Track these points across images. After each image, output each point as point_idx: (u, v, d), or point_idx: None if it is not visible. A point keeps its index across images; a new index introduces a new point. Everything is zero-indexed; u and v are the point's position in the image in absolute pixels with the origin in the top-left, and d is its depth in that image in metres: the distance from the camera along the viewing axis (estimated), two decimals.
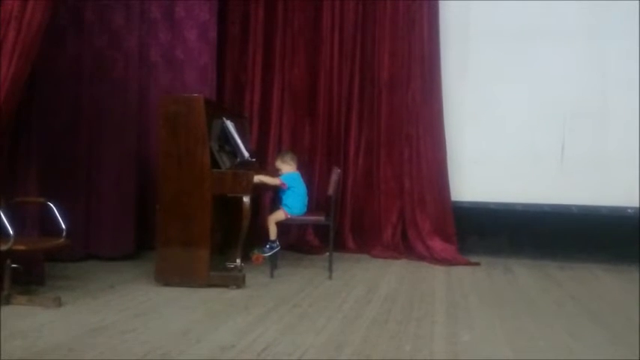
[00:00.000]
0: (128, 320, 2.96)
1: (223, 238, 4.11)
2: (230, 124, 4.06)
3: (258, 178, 3.88)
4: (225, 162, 3.89)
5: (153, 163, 4.42)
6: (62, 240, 3.31)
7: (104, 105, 4.57)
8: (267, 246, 4.19)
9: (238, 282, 3.71)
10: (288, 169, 4.40)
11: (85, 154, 4.49)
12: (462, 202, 5.27)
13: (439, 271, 4.62)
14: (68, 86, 4.39)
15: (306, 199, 4.38)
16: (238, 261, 3.78)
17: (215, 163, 3.76)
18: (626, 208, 5.00)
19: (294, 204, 4.26)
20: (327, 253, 4.37)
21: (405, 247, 5.25)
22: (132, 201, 4.64)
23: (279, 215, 4.24)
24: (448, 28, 5.34)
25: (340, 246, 5.16)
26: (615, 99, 5.08)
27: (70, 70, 4.40)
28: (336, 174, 4.35)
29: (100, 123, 4.56)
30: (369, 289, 3.84)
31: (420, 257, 5.06)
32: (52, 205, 3.35)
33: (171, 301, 3.38)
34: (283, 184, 4.24)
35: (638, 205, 4.96)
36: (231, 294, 3.57)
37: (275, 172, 4.39)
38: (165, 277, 3.72)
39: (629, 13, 5.05)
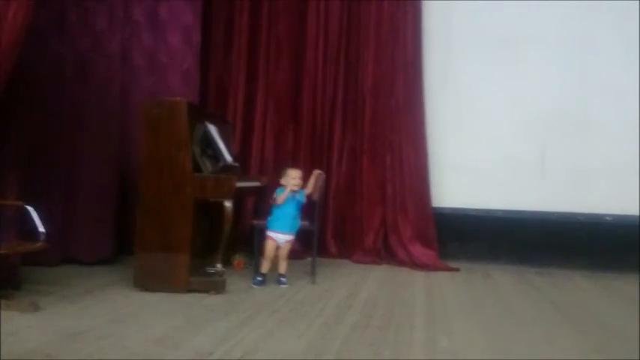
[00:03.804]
0: (106, 326, 2.92)
1: (204, 243, 4.09)
2: (213, 129, 4.05)
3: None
4: (207, 166, 3.88)
5: (134, 166, 4.39)
6: (40, 244, 3.25)
7: (86, 108, 4.52)
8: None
9: (219, 287, 3.69)
10: None
11: (65, 157, 4.44)
12: (442, 209, 5.31)
13: (419, 276, 4.65)
14: (50, 88, 4.33)
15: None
16: (219, 266, 3.76)
17: (197, 168, 3.75)
18: (605, 215, 5.07)
19: None
20: (310, 258, 4.37)
21: (386, 252, 5.27)
22: (112, 205, 4.60)
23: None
24: (431, 35, 5.39)
25: (322, 251, 5.15)
26: (595, 108, 5.15)
27: (51, 72, 4.35)
28: (320, 178, 4.35)
29: (82, 126, 4.50)
30: (349, 295, 3.85)
31: (401, 263, 5.09)
32: (29, 208, 3.30)
33: (150, 306, 3.35)
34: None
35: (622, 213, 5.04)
36: (212, 299, 3.55)
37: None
38: (145, 282, 3.69)
39: (609, 23, 5.14)
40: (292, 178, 4.07)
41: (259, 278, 4.01)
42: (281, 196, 4.04)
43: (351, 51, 5.44)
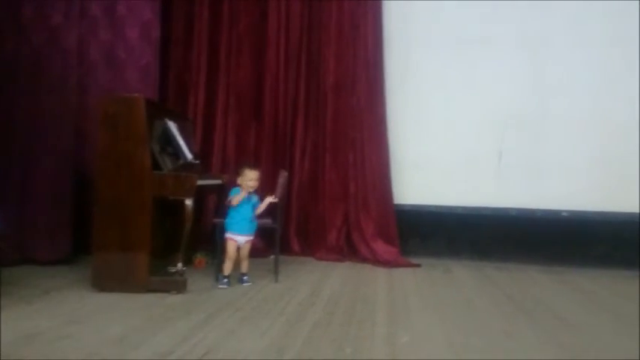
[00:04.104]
0: (63, 326, 2.86)
1: (165, 242, 4.03)
2: (172, 125, 4.00)
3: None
4: (167, 164, 3.82)
5: (91, 164, 4.28)
6: None
7: (41, 104, 4.41)
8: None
9: (179, 287, 3.65)
10: None
11: (20, 154, 4.34)
12: (404, 206, 5.36)
13: (381, 272, 4.69)
14: (3, 84, 4.22)
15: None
16: (180, 265, 3.71)
17: (157, 166, 3.70)
18: (561, 211, 5.19)
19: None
20: (272, 256, 4.35)
21: (349, 249, 5.29)
22: (69, 204, 4.49)
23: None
24: (391, 34, 5.42)
25: (285, 249, 5.14)
26: (551, 107, 5.27)
27: (5, 68, 4.23)
28: (282, 177, 4.33)
29: (37, 123, 4.40)
30: (312, 292, 3.85)
31: (364, 259, 5.12)
32: None
33: (109, 306, 3.29)
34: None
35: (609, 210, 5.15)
36: (172, 299, 3.51)
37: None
38: (103, 283, 3.62)
39: (565, 24, 5.26)
40: (249, 179, 3.97)
41: (224, 280, 3.94)
42: (236, 197, 3.96)
43: (312, 49, 5.44)
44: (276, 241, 4.26)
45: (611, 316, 3.46)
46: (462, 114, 5.36)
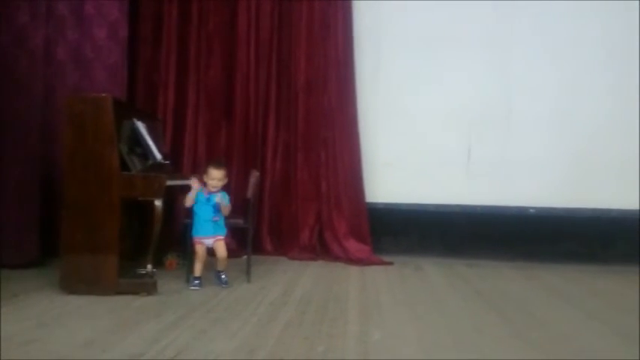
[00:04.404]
0: (31, 330, 2.81)
1: (134, 244, 3.99)
2: (141, 125, 3.95)
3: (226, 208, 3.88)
4: (135, 164, 3.77)
5: (59, 165, 4.21)
6: None
7: (7, 105, 4.32)
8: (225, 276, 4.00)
9: (149, 289, 3.61)
10: (222, 184, 3.96)
11: None
12: (376, 204, 5.39)
13: (354, 271, 4.71)
14: None
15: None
16: (149, 267, 3.67)
17: (125, 166, 3.65)
18: (528, 207, 5.28)
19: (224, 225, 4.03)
20: (245, 257, 4.33)
21: (321, 248, 5.30)
22: (36, 206, 4.41)
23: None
24: (362, 34, 5.45)
25: (258, 249, 5.13)
26: (517, 105, 5.35)
27: None
28: (254, 177, 4.31)
29: (2, 123, 4.30)
30: (285, 292, 3.85)
31: (336, 258, 5.13)
32: None
33: (78, 309, 3.24)
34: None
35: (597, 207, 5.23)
36: (142, 301, 3.47)
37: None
38: (71, 285, 3.56)
39: (531, 24, 5.35)
40: (211, 178, 3.85)
41: (196, 281, 3.88)
42: (187, 198, 3.85)
43: (283, 49, 5.43)
44: (248, 241, 4.25)
45: (579, 311, 3.53)
46: (432, 113, 5.41)
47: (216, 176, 3.84)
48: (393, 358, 2.58)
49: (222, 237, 3.97)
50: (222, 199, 3.88)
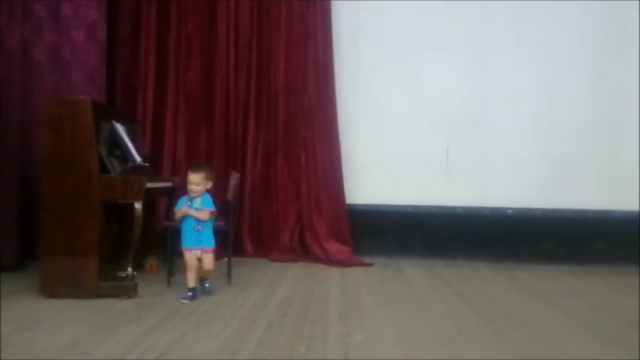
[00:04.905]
0: (10, 335, 2.77)
1: (114, 247, 3.96)
2: (120, 127, 3.93)
3: (185, 213, 3.58)
4: (115, 167, 3.75)
5: (37, 168, 4.17)
6: None
7: None
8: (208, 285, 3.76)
9: (129, 291, 3.59)
10: (203, 188, 3.66)
11: None
12: (356, 205, 5.43)
13: (334, 272, 4.73)
14: None
15: None
16: (130, 270, 3.65)
17: (105, 169, 3.63)
18: (506, 208, 5.35)
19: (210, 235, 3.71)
20: (226, 259, 4.32)
21: (302, 250, 5.32)
22: (14, 208, 4.36)
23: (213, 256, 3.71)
24: (340, 35, 5.49)
25: (238, 251, 5.13)
26: (495, 107, 5.44)
27: None
28: (234, 179, 4.29)
29: None
30: (265, 294, 3.85)
31: (317, 259, 5.15)
32: None
33: (58, 313, 3.21)
34: (213, 211, 3.65)
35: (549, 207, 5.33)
36: (122, 304, 3.45)
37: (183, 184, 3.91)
38: (51, 289, 3.52)
39: (508, 26, 5.43)
40: (189, 183, 3.62)
41: (189, 293, 3.58)
42: (176, 213, 3.66)
43: (262, 50, 5.44)
44: (228, 242, 4.23)
45: (557, 310, 3.59)
46: (411, 114, 5.47)
47: (193, 180, 3.60)
48: (374, 358, 2.60)
49: (208, 249, 3.67)
50: (203, 204, 3.65)
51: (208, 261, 3.67)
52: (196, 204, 3.65)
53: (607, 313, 3.53)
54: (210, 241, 3.68)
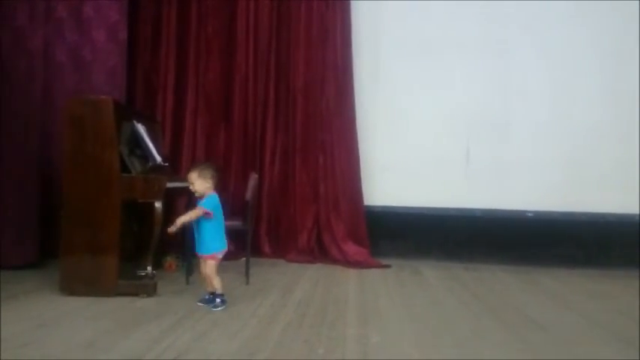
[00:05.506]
0: (30, 331, 2.81)
1: (134, 246, 3.99)
2: (141, 127, 3.96)
3: (180, 222, 3.33)
4: (135, 166, 3.78)
5: (58, 167, 4.21)
6: None
7: (6, 107, 4.32)
8: (219, 300, 3.41)
9: (149, 290, 3.61)
10: (206, 188, 3.43)
11: None
12: (373, 207, 5.42)
13: (352, 274, 4.72)
14: None
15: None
16: (149, 268, 3.68)
17: (125, 168, 3.65)
18: (525, 211, 5.31)
19: (220, 237, 3.46)
20: (244, 259, 4.33)
21: (319, 251, 5.32)
22: (36, 207, 4.41)
23: (212, 264, 3.42)
24: (360, 38, 5.49)
25: (256, 251, 5.15)
26: (515, 109, 5.40)
27: None
28: (253, 179, 4.31)
29: (2, 125, 4.31)
30: (284, 294, 3.85)
31: (334, 261, 5.14)
32: None
33: (77, 311, 3.24)
34: (208, 212, 3.37)
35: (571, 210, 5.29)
36: (142, 303, 3.47)
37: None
38: (71, 287, 3.56)
39: (528, 29, 5.39)
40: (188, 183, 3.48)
41: (217, 299, 3.40)
42: (170, 228, 3.37)
43: (281, 51, 5.45)
44: (247, 243, 4.26)
45: (576, 314, 3.55)
46: (430, 116, 5.45)
47: (188, 179, 3.45)
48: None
49: (202, 255, 3.44)
50: (203, 204, 3.40)
51: (203, 268, 3.45)
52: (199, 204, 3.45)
53: (627, 316, 3.48)
54: (207, 248, 3.41)
